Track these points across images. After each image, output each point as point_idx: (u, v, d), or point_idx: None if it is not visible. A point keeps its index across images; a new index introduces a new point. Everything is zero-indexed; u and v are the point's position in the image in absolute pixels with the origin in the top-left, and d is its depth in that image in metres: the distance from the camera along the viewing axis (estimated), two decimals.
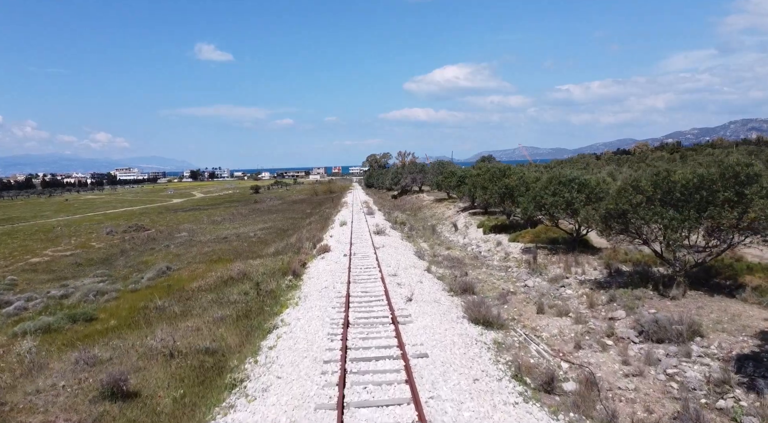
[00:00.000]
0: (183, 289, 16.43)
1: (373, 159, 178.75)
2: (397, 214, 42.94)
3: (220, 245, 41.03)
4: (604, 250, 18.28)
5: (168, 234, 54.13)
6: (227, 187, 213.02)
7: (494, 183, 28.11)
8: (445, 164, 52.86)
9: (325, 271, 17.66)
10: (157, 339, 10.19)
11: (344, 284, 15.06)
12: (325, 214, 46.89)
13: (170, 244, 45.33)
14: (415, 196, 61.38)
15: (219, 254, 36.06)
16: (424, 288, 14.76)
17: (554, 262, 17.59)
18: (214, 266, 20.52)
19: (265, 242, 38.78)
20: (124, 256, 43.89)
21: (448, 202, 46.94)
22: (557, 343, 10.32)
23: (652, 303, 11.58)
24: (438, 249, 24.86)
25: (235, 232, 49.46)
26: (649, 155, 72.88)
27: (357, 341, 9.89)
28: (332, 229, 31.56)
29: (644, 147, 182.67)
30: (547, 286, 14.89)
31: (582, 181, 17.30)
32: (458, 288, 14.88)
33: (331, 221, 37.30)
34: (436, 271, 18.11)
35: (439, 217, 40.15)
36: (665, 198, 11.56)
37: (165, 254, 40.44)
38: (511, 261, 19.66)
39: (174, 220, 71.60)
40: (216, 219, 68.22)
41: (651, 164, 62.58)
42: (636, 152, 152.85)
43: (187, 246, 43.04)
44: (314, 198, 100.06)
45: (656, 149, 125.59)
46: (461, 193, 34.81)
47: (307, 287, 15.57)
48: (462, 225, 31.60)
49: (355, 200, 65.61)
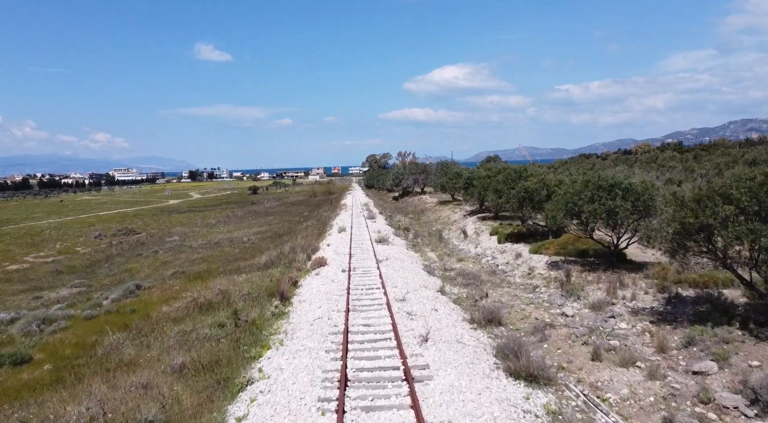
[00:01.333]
0: (148, 317, 13.60)
1: (373, 159, 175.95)
2: (399, 217, 40.14)
3: (210, 251, 38.24)
4: (649, 266, 15.48)
5: (159, 238, 51.32)
6: (225, 187, 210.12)
7: (509, 185, 25.27)
8: (449, 165, 50.03)
9: (320, 292, 14.84)
10: (84, 407, 7.37)
11: (341, 313, 12.23)
12: (323, 217, 44.07)
13: (159, 249, 42.51)
14: (417, 198, 58.56)
15: (208, 262, 33.32)
16: (441, 319, 11.93)
17: (591, 282, 14.76)
18: (191, 285, 17.69)
19: (258, 249, 36.01)
20: (109, 262, 41.11)
21: (452, 204, 44.14)
22: (634, 414, 7.49)
23: (748, 349, 8.77)
24: (448, 261, 22.05)
25: (228, 236, 46.66)
26: (658, 155, 70.00)
27: (359, 417, 7.06)
28: (330, 236, 28.73)
29: (646, 147, 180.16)
30: (592, 317, 12.05)
31: (626, 185, 14.48)
32: (482, 317, 12.07)
33: (329, 226, 34.48)
34: (451, 292, 15.30)
35: (445, 222, 37.35)
36: (761, 210, 8.75)
37: (152, 261, 37.63)
38: (537, 278, 16.84)
39: (167, 223, 68.82)
40: (210, 222, 65.45)
41: (663, 165, 59.63)
42: (638, 152, 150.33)
43: (176, 252, 40.21)
44: (313, 199, 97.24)
45: (658, 149, 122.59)
46: (469, 196, 31.96)
47: (296, 316, 12.74)
48: (472, 231, 28.78)
49: (354, 202, 62.81)
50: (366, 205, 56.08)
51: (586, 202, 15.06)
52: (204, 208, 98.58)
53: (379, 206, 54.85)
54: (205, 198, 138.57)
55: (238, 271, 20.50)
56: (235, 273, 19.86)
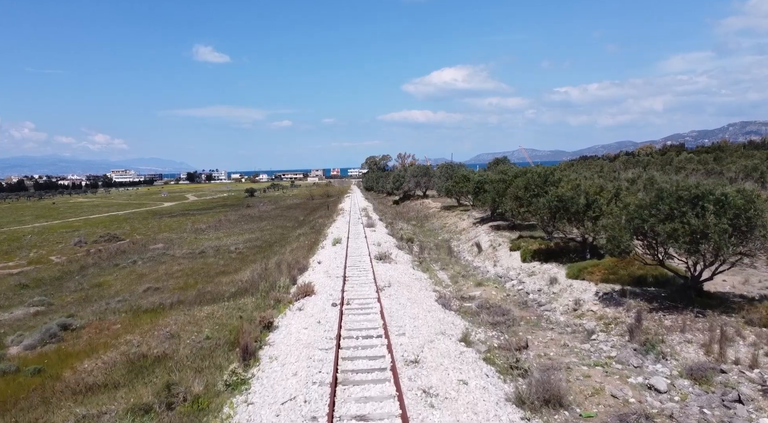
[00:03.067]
0: (57, 379, 9.58)
1: (372, 161, 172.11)
2: (401, 225, 36.15)
3: (193, 262, 34.23)
4: (740, 303, 11.50)
5: (142, 245, 47.29)
6: (222, 189, 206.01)
7: (532, 192, 21.22)
8: (454, 167, 46.03)
9: (299, 343, 10.79)
10: None
11: (325, 388, 8.22)
12: (317, 225, 40.05)
13: (140, 258, 38.37)
14: (419, 202, 54.59)
15: (187, 275, 29.45)
16: (474, 400, 7.91)
17: (673, 329, 10.75)
18: (138, 322, 13.68)
19: (244, 260, 32.05)
20: (81, 274, 36.90)
21: (459, 210, 40.17)
22: None
23: None
24: (465, 284, 18.00)
25: (216, 243, 42.69)
26: (673, 157, 65.89)
27: None
28: (322, 250, 24.71)
29: (648, 149, 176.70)
30: (702, 397, 8.02)
31: (720, 197, 10.48)
32: (533, 394, 8.07)
33: (322, 236, 30.48)
34: (478, 340, 11.29)
35: (452, 230, 33.35)
36: None
37: (128, 273, 33.59)
38: (589, 316, 12.80)
39: (156, 228, 64.83)
40: (200, 226, 61.45)
41: (682, 167, 55.56)
42: (640, 154, 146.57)
43: (156, 262, 36.17)
44: (310, 202, 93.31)
45: (660, 151, 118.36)
46: (480, 203, 27.89)
47: (259, 389, 8.71)
48: (486, 244, 24.73)
49: (353, 206, 58.87)
50: (365, 209, 52.10)
51: (660, 219, 11.07)
52: (197, 211, 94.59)
53: (378, 211, 50.85)
54: (201, 200, 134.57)
55: (203, 302, 16.45)
56: (196, 305, 15.81)
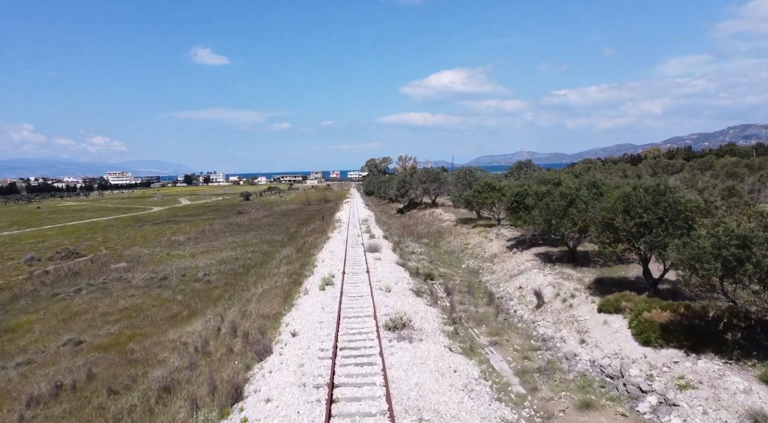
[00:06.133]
0: None
1: (373, 164, 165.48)
2: (412, 246, 29.22)
3: (144, 296, 26.74)
4: None
5: (102, 264, 40.31)
6: (219, 192, 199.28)
7: (636, 218, 13.68)
8: (473, 172, 39.02)
9: None
10: None
11: None
12: (307, 244, 33.07)
13: (87, 286, 31.05)
14: (428, 213, 47.66)
15: (127, 318, 22.65)
16: None
17: None
18: None
19: (208, 295, 25.11)
20: (4, 309, 28.98)
21: (480, 225, 33.27)
22: None
23: None
24: (554, 399, 10.63)
25: (187, 264, 35.77)
26: (713, 161, 58.96)
27: None
28: (304, 297, 17.70)
29: (655, 152, 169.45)
30: None
31: None
32: None
33: (309, 267, 23.52)
34: None
35: (479, 255, 26.34)
36: None
37: (61, 308, 26.06)
38: None
39: (130, 239, 57.87)
40: (179, 238, 54.50)
41: (732, 172, 48.60)
42: (646, 157, 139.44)
43: (104, 292, 29.07)
44: (305, 209, 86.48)
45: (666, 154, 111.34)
46: (525, 223, 20.75)
47: None
48: (549, 292, 17.28)
49: (351, 216, 51.96)
50: (365, 221, 45.22)
51: None
52: (185, 217, 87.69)
53: (381, 224, 43.87)
54: (193, 205, 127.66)
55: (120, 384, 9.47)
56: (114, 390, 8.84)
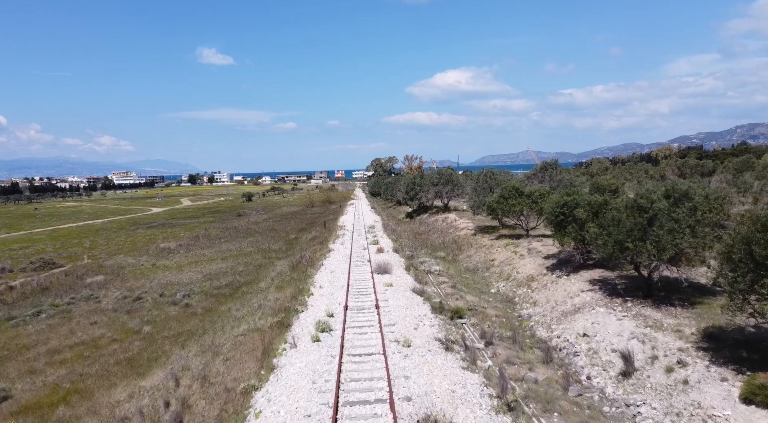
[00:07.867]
0: None
1: (378, 163, 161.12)
2: (428, 263, 24.61)
3: (108, 325, 21.67)
4: None
5: (78, 277, 35.96)
6: (222, 192, 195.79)
7: None
8: (495, 175, 34.24)
9: None
10: None
11: None
12: (304, 262, 28.51)
13: (50, 307, 26.29)
14: (441, 218, 43.02)
15: (78, 358, 18.27)
16: None
17: None
18: None
19: (180, 328, 20.48)
20: None
21: (504, 236, 28.63)
22: None
23: None
24: None
25: (169, 279, 31.33)
26: (754, 161, 53.78)
27: None
28: (292, 352, 13.13)
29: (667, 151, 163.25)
30: None
31: None
32: None
33: (303, 298, 18.92)
34: None
35: (510, 276, 21.67)
36: None
37: (8, 339, 21.32)
38: None
39: (118, 246, 53.64)
40: (169, 246, 50.17)
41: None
42: (657, 156, 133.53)
43: (65, 317, 24.45)
44: (308, 211, 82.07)
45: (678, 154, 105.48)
46: (595, 246, 15.60)
47: None
48: (638, 351, 11.67)
49: (357, 222, 47.42)
50: (372, 228, 40.67)
51: None
52: (183, 219, 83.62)
53: (390, 231, 39.26)
54: (193, 206, 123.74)
55: None
56: None
